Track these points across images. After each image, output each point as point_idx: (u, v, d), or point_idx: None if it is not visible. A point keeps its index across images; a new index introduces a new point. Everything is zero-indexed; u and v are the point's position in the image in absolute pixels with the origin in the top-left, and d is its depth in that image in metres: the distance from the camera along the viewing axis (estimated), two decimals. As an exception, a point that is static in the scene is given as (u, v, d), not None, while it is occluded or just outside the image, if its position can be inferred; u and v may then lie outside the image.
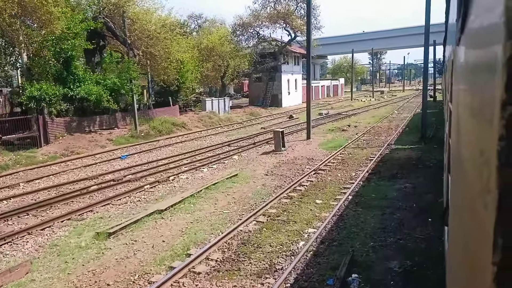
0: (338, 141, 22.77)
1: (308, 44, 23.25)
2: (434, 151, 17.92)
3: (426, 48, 20.73)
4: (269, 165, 16.71)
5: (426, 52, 20.70)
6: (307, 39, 23.33)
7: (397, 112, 40.69)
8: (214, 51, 41.79)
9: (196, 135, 28.02)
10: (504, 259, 0.72)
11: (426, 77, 21.12)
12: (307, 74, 23.65)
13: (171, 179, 14.64)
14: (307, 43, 23.39)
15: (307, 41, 23.49)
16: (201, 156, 19.72)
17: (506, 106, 0.70)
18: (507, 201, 0.72)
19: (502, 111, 0.71)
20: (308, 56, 23.40)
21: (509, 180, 0.71)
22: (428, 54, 20.90)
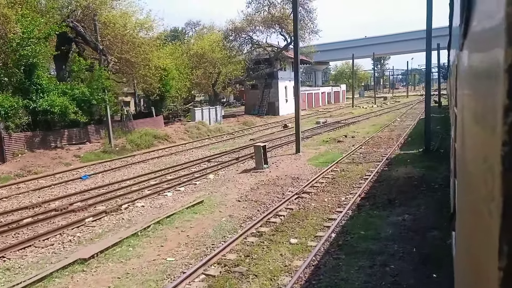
0: (331, 155, 20.29)
1: (296, 45, 20.88)
2: (440, 167, 15.39)
3: (429, 53, 18.32)
4: (246, 187, 14.26)
5: (428, 57, 18.29)
6: (294, 40, 20.96)
7: (400, 120, 38.17)
8: (205, 58, 39.55)
9: (179, 148, 25.64)
10: (510, 265, 0.72)
11: (429, 83, 18.67)
12: (295, 78, 21.26)
13: (123, 208, 12.22)
14: (294, 45, 21.01)
15: (294, 43, 21.12)
16: (173, 175, 17.33)
17: (508, 112, 0.70)
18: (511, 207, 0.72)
19: (505, 117, 0.71)
20: (295, 58, 21.02)
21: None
22: (430, 59, 18.49)
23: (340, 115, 46.98)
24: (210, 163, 19.88)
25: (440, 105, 50.46)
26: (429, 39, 17.80)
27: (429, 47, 18.14)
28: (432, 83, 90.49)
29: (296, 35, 20.69)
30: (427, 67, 18.41)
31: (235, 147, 24.48)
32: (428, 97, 18.46)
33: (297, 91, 20.99)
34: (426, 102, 18.57)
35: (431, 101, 59.41)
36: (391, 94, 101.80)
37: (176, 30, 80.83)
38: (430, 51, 18.31)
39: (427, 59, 18.36)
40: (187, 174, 17.15)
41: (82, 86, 22.12)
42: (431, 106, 24.81)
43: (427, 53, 18.29)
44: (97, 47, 22.29)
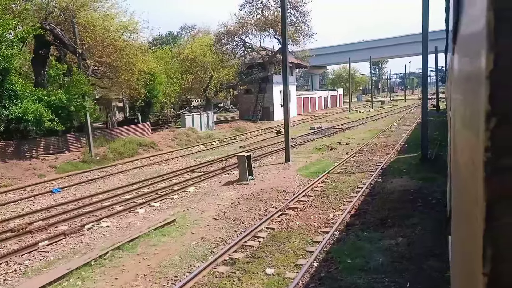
0: (323, 164, 19.09)
1: (284, 47, 19.72)
2: (438, 178, 14.16)
3: (425, 57, 17.16)
4: (226, 202, 13.02)
5: (424, 61, 17.13)
6: (282, 42, 19.79)
7: (397, 125, 37.01)
8: (196, 62, 38.39)
9: (164, 157, 24.38)
10: (494, 271, 0.73)
11: (425, 86, 17.47)
12: (283, 82, 20.07)
13: (86, 229, 10.97)
14: (282, 47, 19.85)
15: (282, 45, 19.94)
16: (151, 187, 16.09)
17: (490, 117, 0.71)
18: (494, 212, 0.73)
19: (487, 122, 0.72)
20: (283, 61, 19.86)
21: (495, 192, 0.73)
22: (427, 62, 17.32)
23: (336, 120, 45.82)
24: (193, 173, 18.66)
25: (439, 109, 49.33)
26: (425, 43, 16.66)
27: (425, 51, 16.99)
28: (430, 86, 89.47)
29: (284, 35, 19.53)
30: (423, 72, 17.25)
31: (223, 155, 23.26)
32: (424, 103, 17.27)
33: (286, 96, 19.80)
34: (423, 108, 17.39)
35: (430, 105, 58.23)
36: (389, 98, 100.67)
37: (171, 34, 79.90)
38: (427, 55, 17.15)
39: (423, 63, 17.19)
40: (166, 187, 15.91)
41: (59, 92, 20.88)
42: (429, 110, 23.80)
43: (423, 58, 17.12)
44: (75, 50, 21.08)
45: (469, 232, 1.08)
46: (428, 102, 19.11)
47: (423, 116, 17.45)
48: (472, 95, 0.97)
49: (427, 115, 17.61)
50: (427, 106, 17.83)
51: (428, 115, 17.92)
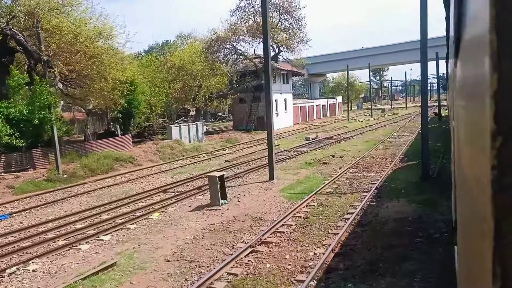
0: (312, 182, 17.01)
1: (266, 49, 17.73)
2: (441, 202, 12.03)
3: (424, 66, 15.10)
4: (188, 235, 10.93)
5: (424, 71, 15.09)
6: (264, 45, 17.80)
7: (396, 135, 34.92)
8: (184, 70, 36.46)
9: (142, 173, 22.33)
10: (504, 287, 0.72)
11: (425, 95, 15.36)
12: (266, 88, 18.08)
13: (7, 274, 8.88)
14: (264, 49, 17.86)
15: (264, 47, 17.96)
16: (112, 213, 14.02)
17: (495, 136, 0.71)
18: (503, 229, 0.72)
19: (492, 141, 0.71)
20: (266, 63, 17.88)
21: (503, 209, 0.72)
22: (426, 70, 15.29)
23: (333, 129, 43.75)
24: (165, 194, 16.59)
25: (441, 117, 47.28)
26: (424, 51, 14.66)
27: (424, 60, 14.96)
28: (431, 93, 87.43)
29: (265, 35, 17.51)
30: (422, 80, 15.20)
31: (205, 171, 21.17)
32: (424, 113, 15.18)
33: (269, 106, 17.76)
34: (423, 120, 15.30)
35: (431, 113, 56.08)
36: (390, 105, 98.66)
37: (167, 43, 78.31)
38: (426, 64, 15.09)
39: (422, 73, 15.14)
40: (128, 213, 13.82)
41: (20, 104, 18.91)
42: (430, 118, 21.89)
43: (421, 67, 15.05)
44: (40, 58, 19.14)
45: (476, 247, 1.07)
46: (429, 110, 17.18)
47: (423, 129, 15.34)
48: (476, 113, 0.97)
49: (428, 128, 15.49)
50: (427, 117, 15.74)
51: (428, 126, 15.79)
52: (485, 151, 0.77)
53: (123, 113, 27.22)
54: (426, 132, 15.22)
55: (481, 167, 0.85)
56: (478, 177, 0.93)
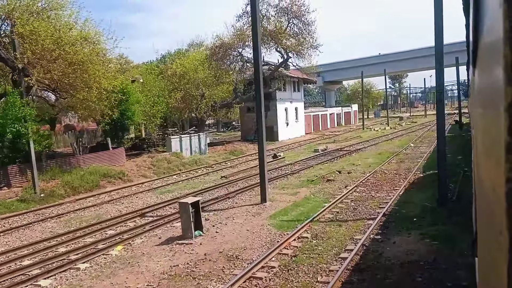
0: (310, 205, 14.76)
1: (256, 51, 15.64)
2: (462, 236, 9.63)
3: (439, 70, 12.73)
4: (142, 281, 8.80)
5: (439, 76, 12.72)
6: (254, 46, 15.71)
7: (413, 146, 32.29)
8: (186, 78, 34.64)
9: (130, 190, 20.39)
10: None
11: (441, 102, 12.89)
12: (257, 99, 15.99)
13: None
14: (254, 52, 15.77)
15: (254, 49, 15.87)
16: (72, 244, 12.05)
17: (510, 149, 0.70)
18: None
19: (507, 154, 0.71)
20: (256, 70, 15.79)
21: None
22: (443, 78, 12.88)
23: (345, 140, 41.26)
24: (142, 219, 14.55)
25: (462, 126, 44.42)
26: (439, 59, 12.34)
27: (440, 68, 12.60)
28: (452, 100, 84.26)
29: (256, 34, 15.43)
30: (437, 89, 12.80)
31: (197, 190, 19.16)
32: (441, 125, 12.78)
33: (260, 118, 15.62)
34: (439, 132, 12.88)
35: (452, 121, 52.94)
36: (408, 113, 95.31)
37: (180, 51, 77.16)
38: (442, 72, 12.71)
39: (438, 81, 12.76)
40: (89, 245, 11.79)
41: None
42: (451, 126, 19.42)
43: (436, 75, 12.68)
44: (14, 66, 17.49)
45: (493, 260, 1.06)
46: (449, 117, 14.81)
47: (440, 143, 12.90)
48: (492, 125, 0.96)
49: (445, 142, 13.03)
50: (444, 128, 13.31)
51: (449, 135, 13.35)
52: (500, 163, 0.74)
53: (115, 125, 25.42)
54: (443, 147, 12.79)
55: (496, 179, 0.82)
56: (494, 189, 0.91)
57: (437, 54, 12.40)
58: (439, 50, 12.29)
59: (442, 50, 12.30)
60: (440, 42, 12.05)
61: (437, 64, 12.28)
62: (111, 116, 22.63)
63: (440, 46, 12.04)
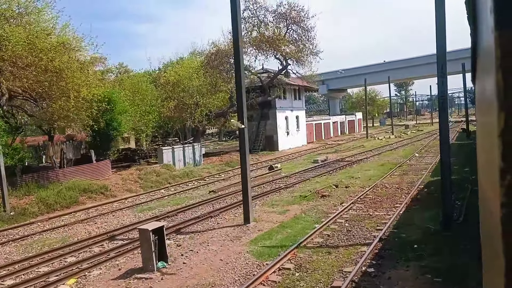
0: (299, 226, 13.18)
1: (237, 55, 14.15)
2: (471, 271, 8.02)
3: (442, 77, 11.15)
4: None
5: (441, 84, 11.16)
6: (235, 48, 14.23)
7: (418, 156, 30.64)
8: (180, 87, 33.28)
9: (108, 208, 18.92)
10: None
11: (444, 111, 11.28)
12: (238, 108, 14.46)
13: None
14: (235, 58, 14.28)
15: (234, 56, 14.38)
16: (21, 276, 10.55)
17: (504, 174, 0.71)
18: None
19: (501, 179, 0.72)
20: (237, 77, 14.28)
21: None
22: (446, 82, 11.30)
23: (347, 149, 39.63)
24: (111, 242, 13.04)
25: (469, 134, 42.64)
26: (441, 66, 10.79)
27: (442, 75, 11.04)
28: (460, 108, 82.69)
29: (236, 34, 13.94)
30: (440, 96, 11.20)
31: (180, 206, 17.66)
32: (444, 139, 11.17)
33: (243, 130, 14.07)
34: (442, 145, 11.26)
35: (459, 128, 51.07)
36: (414, 121, 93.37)
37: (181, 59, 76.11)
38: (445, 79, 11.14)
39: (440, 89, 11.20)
40: (40, 276, 10.29)
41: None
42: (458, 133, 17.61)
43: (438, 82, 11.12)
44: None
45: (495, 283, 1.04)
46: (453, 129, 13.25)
47: (444, 158, 11.26)
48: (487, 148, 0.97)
49: (449, 157, 11.40)
50: (449, 140, 11.69)
51: (450, 154, 11.70)
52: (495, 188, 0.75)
53: (100, 136, 24.02)
54: (448, 163, 11.16)
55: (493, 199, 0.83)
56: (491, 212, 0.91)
57: (439, 58, 10.88)
58: (441, 54, 10.77)
59: (444, 53, 10.76)
60: (442, 44, 10.53)
61: (439, 68, 10.73)
62: (93, 126, 21.23)
63: (442, 49, 10.52)
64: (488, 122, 0.91)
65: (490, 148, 0.87)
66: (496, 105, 0.70)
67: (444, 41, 10.31)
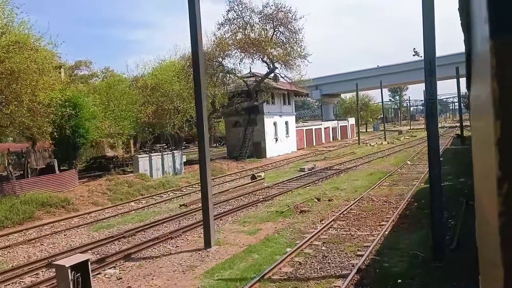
0: (268, 251, 11.38)
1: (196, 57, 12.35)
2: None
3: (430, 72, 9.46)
4: None
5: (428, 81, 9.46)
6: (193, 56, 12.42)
7: (410, 163, 28.99)
8: (160, 91, 31.49)
9: (65, 224, 17.05)
10: None
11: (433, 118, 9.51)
12: (197, 106, 12.67)
13: None
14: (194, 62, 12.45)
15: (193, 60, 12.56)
16: None
17: (501, 183, 0.71)
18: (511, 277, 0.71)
19: (499, 188, 0.71)
20: (196, 81, 12.48)
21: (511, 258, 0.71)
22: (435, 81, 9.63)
23: (337, 156, 37.89)
24: (49, 271, 11.17)
25: (464, 140, 41.11)
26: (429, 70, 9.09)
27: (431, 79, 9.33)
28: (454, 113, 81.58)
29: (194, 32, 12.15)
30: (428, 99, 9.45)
31: (144, 224, 15.81)
32: (434, 149, 9.41)
33: (202, 141, 12.26)
34: (431, 159, 9.48)
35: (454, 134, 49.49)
36: (407, 127, 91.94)
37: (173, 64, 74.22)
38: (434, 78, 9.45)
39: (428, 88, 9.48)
40: None
41: None
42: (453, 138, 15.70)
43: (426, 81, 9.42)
44: None
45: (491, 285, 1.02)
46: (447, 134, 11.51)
47: (433, 171, 9.47)
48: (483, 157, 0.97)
49: (440, 170, 9.59)
50: (439, 153, 9.87)
51: (440, 169, 9.91)
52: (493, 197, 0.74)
53: (65, 144, 22.13)
54: (438, 180, 9.35)
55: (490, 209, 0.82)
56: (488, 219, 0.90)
57: (427, 53, 9.15)
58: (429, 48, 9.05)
59: (433, 47, 9.04)
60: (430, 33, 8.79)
61: (426, 65, 9.00)
62: (53, 133, 19.36)
63: (430, 40, 8.78)
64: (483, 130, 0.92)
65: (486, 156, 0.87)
66: (492, 114, 0.69)
67: (433, 30, 8.59)
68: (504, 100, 0.68)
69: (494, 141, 0.70)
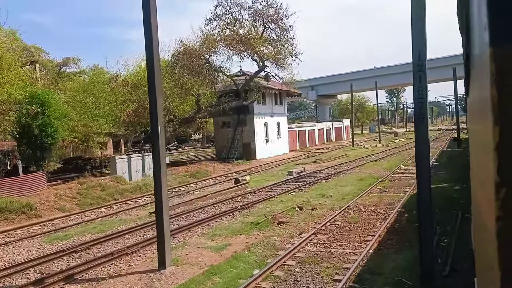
0: (232, 273, 9.81)
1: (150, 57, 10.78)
2: None
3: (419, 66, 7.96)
4: None
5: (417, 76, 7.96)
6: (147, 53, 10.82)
7: (404, 168, 27.49)
8: (141, 89, 29.89)
9: (24, 233, 15.49)
10: None
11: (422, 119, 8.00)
12: (150, 108, 11.09)
13: None
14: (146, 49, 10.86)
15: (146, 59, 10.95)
16: None
17: (499, 188, 0.71)
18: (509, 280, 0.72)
19: (497, 193, 0.71)
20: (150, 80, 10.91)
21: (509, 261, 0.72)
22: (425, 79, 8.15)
23: (329, 159, 36.36)
24: (-25, 294, 9.60)
25: (461, 143, 39.75)
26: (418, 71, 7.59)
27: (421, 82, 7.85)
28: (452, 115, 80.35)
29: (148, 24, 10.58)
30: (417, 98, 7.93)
31: (104, 234, 14.23)
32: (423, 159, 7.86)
33: (157, 142, 10.72)
34: (419, 171, 7.95)
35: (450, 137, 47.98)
36: (404, 128, 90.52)
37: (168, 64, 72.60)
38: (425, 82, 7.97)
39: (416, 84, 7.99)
40: None
41: None
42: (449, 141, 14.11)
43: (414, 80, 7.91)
44: None
45: None
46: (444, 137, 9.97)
47: (421, 189, 7.91)
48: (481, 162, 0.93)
49: (430, 186, 8.02)
50: (429, 162, 8.37)
51: (430, 183, 8.35)
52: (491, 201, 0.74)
53: (32, 144, 20.50)
54: (428, 199, 7.78)
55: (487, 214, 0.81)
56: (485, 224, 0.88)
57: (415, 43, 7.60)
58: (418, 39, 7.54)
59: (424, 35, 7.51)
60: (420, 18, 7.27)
61: (415, 58, 7.46)
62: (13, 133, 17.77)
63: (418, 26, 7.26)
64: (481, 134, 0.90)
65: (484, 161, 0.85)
66: (491, 119, 0.69)
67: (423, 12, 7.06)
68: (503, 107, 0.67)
69: (493, 147, 0.69)
